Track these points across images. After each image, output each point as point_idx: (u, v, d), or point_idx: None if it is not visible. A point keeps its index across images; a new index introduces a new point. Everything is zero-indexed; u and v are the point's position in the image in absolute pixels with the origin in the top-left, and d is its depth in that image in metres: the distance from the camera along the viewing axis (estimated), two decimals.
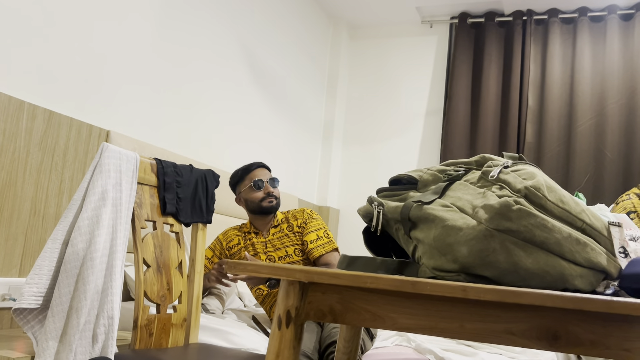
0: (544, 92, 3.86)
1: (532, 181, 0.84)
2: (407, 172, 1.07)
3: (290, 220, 2.17)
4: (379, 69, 4.39)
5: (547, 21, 3.92)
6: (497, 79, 3.99)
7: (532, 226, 0.81)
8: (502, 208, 0.81)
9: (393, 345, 1.90)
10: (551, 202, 0.84)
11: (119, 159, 1.55)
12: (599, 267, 0.87)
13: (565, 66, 3.85)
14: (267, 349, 0.90)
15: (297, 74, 3.82)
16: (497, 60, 4.02)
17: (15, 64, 1.84)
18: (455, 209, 0.89)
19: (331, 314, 0.89)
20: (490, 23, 4.05)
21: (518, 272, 0.82)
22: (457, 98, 4.02)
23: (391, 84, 4.34)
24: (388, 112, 4.31)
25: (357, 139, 4.37)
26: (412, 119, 4.26)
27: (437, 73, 4.25)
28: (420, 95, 4.26)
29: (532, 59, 3.91)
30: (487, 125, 3.93)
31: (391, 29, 4.39)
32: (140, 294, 1.56)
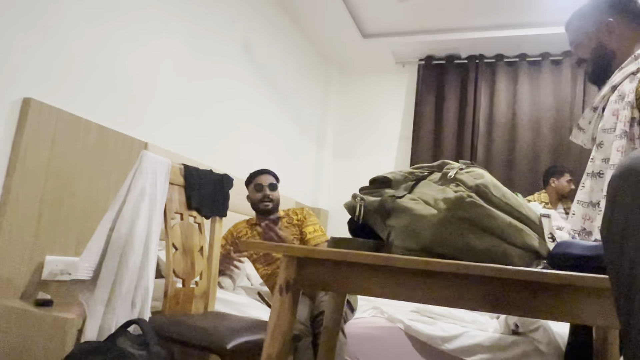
0: (492, 119, 3.90)
1: (481, 180, 0.86)
2: (383, 174, 1.08)
3: (290, 215, 2.18)
4: (362, 99, 4.42)
5: (495, 64, 3.98)
6: (455, 109, 4.03)
7: (481, 215, 0.83)
8: (458, 200, 0.83)
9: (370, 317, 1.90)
10: (496, 197, 0.86)
11: (155, 164, 1.56)
12: (533, 248, 0.88)
13: (508, 99, 3.89)
14: (271, 311, 0.91)
15: (299, 97, 3.84)
16: (455, 94, 4.06)
17: (74, 86, 1.85)
18: (421, 201, 0.91)
19: (322, 283, 0.90)
20: (450, 64, 4.10)
21: (470, 251, 0.84)
22: (423, 124, 4.05)
23: (372, 111, 4.37)
24: (369, 133, 4.34)
25: (345, 152, 4.39)
26: (388, 139, 4.28)
27: (408, 103, 4.29)
28: (394, 122, 4.29)
29: (483, 93, 3.96)
30: (447, 146, 3.96)
31: (371, 68, 4.43)
32: (170, 271, 1.56)
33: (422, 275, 0.84)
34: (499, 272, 0.76)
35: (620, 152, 1.26)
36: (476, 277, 0.82)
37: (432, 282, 0.84)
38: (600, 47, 1.40)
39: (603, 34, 1.40)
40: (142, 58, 2.18)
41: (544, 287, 0.79)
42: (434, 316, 1.89)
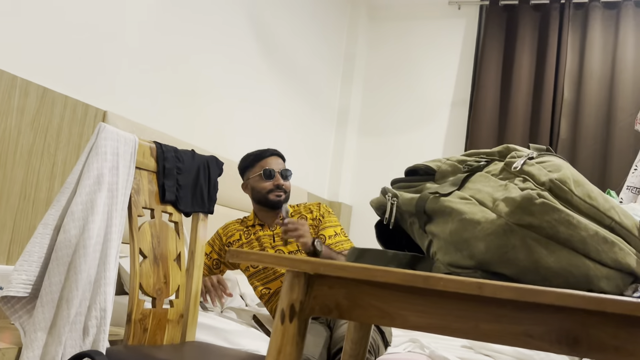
0: (582, 84, 3.84)
1: (557, 174, 0.86)
2: (425, 162, 1.09)
3: (303, 213, 2.20)
4: (400, 54, 4.39)
5: (588, 5, 3.90)
6: (530, 69, 3.98)
7: (555, 222, 0.83)
8: (524, 201, 0.83)
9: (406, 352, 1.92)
10: (578, 197, 0.86)
11: (117, 141, 1.58)
12: (628, 268, 0.88)
13: (605, 56, 3.83)
14: (269, 344, 0.93)
15: (311, 56, 3.84)
16: (531, 48, 4.00)
17: (7, 35, 1.88)
18: (474, 201, 0.91)
19: (337, 309, 0.92)
20: (524, 6, 4.04)
21: (539, 270, 0.84)
22: (486, 88, 4.02)
23: (413, 71, 4.34)
24: (409, 101, 4.32)
25: (374, 129, 4.38)
26: (435, 109, 4.26)
27: (464, 60, 4.25)
28: (445, 84, 4.26)
29: (570, 47, 3.90)
30: (517, 119, 3.93)
31: (415, 10, 4.39)
32: (135, 286, 1.60)
33: (473, 303, 0.85)
34: (581, 300, 0.76)
35: None
36: (549, 307, 0.82)
37: (487, 312, 0.84)
38: None
39: None
40: (104, 2, 2.21)
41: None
42: (492, 354, 1.91)
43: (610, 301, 0.75)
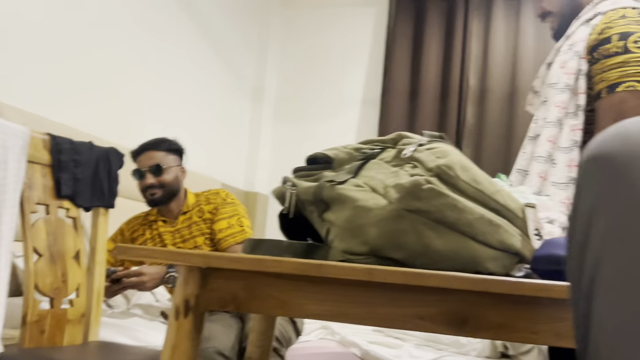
0: (486, 71, 4.00)
1: (445, 160, 0.88)
2: (324, 151, 1.09)
3: (202, 205, 2.13)
4: (314, 41, 4.40)
5: None
6: (438, 57, 4.10)
7: (442, 206, 0.86)
8: (412, 187, 0.85)
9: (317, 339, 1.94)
10: (464, 182, 0.89)
11: (5, 134, 1.49)
12: (513, 249, 0.92)
13: (508, 44, 4.00)
14: (164, 341, 0.91)
15: (224, 42, 3.78)
16: (439, 36, 4.12)
17: None
18: (367, 188, 0.92)
19: (234, 302, 0.91)
20: None
21: (429, 254, 0.87)
22: (396, 76, 4.10)
23: (327, 57, 4.37)
24: (323, 88, 4.34)
25: (291, 116, 4.37)
26: (350, 95, 4.31)
27: (375, 49, 4.31)
28: (358, 70, 4.32)
29: (475, 35, 4.04)
30: (427, 106, 4.04)
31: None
32: (30, 287, 1.52)
33: (368, 288, 0.86)
34: (465, 282, 0.79)
35: (559, 107, 1.40)
36: (438, 290, 0.85)
37: (381, 297, 0.86)
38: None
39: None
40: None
41: (524, 300, 0.83)
42: (402, 336, 1.96)
43: (493, 282, 0.78)
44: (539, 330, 0.82)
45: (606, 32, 1.45)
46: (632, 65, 1.40)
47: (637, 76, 1.39)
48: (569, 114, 1.48)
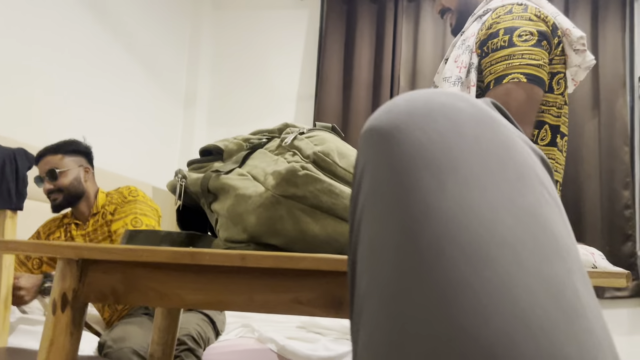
0: (416, 71, 4.08)
1: (322, 147, 0.90)
2: (215, 142, 1.09)
3: (106, 206, 2.07)
4: (247, 43, 4.39)
5: None
6: (370, 59, 4.16)
7: (318, 192, 0.87)
8: (288, 174, 0.86)
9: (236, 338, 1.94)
10: (342, 168, 0.90)
11: None
12: None
13: (436, 47, 4.10)
14: (42, 336, 0.89)
15: (154, 44, 3.72)
16: (370, 39, 4.18)
17: None
18: (249, 177, 0.93)
19: (113, 294, 0.90)
20: None
21: (306, 239, 0.88)
22: (329, 79, 4.13)
23: (260, 60, 4.36)
24: (257, 91, 4.34)
25: (225, 119, 4.35)
26: (283, 99, 4.32)
27: (308, 51, 4.34)
28: (291, 74, 4.33)
29: (404, 38, 4.12)
30: (360, 107, 4.09)
31: (259, 0, 4.41)
32: None
33: (246, 275, 0.87)
34: (336, 263, 0.81)
35: None
36: (316, 274, 0.86)
37: (260, 283, 0.87)
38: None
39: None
40: None
41: None
42: (322, 331, 1.97)
43: None
44: None
45: (494, 26, 1.51)
46: (516, 58, 1.46)
47: (521, 68, 1.45)
48: None
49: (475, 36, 1.55)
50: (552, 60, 1.54)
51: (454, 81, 1.54)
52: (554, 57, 1.54)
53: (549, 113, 1.56)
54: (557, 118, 1.57)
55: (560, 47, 1.55)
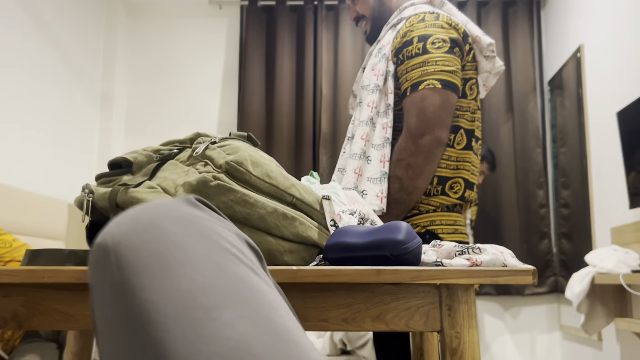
0: (337, 79, 4.13)
1: (234, 156, 0.88)
2: (124, 154, 1.05)
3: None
4: (165, 54, 4.30)
5: (338, 7, 4.21)
6: (291, 67, 4.17)
7: (232, 202, 0.85)
8: (200, 185, 0.84)
9: None
10: (256, 177, 0.89)
11: None
12: (310, 241, 0.94)
13: (356, 54, 4.16)
14: None
15: (66, 56, 3.57)
16: (291, 47, 4.20)
17: None
18: (159, 190, 0.90)
19: (15, 319, 0.84)
20: (281, 7, 4.22)
21: None
22: (251, 88, 4.11)
23: (180, 71, 4.29)
24: (177, 101, 4.25)
25: (145, 130, 4.23)
26: (204, 110, 4.25)
27: (229, 60, 4.30)
28: (212, 84, 4.28)
29: (325, 46, 4.16)
30: (283, 117, 4.09)
31: (176, 9, 4.33)
32: None
33: None
34: None
35: (370, 107, 1.52)
36: None
37: None
38: (379, 2, 1.68)
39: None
40: None
41: (312, 289, 0.84)
42: None
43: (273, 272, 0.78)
44: (328, 317, 0.84)
45: (408, 35, 1.55)
46: (431, 64, 1.50)
47: (435, 75, 1.49)
48: (380, 113, 1.56)
49: (390, 44, 1.59)
50: (465, 66, 1.59)
51: (372, 89, 1.57)
52: (466, 63, 1.59)
53: (464, 118, 1.60)
54: (472, 122, 1.63)
55: (471, 53, 1.60)
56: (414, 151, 1.51)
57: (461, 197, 1.59)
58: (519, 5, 4.16)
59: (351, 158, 1.54)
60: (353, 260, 0.88)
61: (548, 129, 4.11)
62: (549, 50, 4.11)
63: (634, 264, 2.63)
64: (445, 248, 0.91)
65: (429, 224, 1.56)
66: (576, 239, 3.56)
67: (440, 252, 0.91)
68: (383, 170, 1.50)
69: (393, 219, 1.56)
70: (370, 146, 1.53)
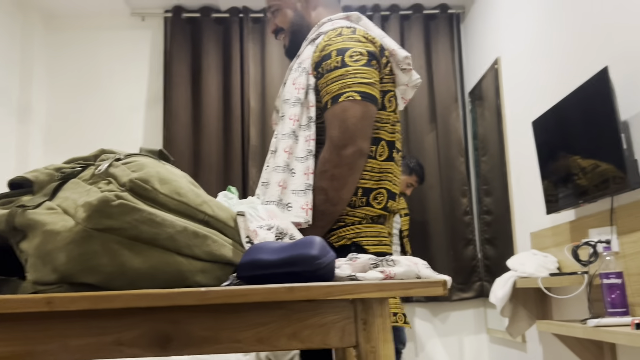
0: (265, 92, 4.11)
1: (139, 173, 0.84)
2: (24, 174, 0.99)
3: None
4: (87, 66, 4.16)
5: (264, 19, 4.19)
6: (218, 80, 4.12)
7: (137, 222, 0.81)
8: (101, 204, 0.80)
9: None
10: (164, 195, 0.85)
11: None
12: (224, 259, 0.91)
13: (283, 66, 4.15)
14: None
15: None
16: (217, 60, 4.14)
17: None
18: (60, 210, 0.85)
19: None
20: (206, 19, 4.16)
21: (126, 274, 0.81)
22: (177, 101, 4.03)
23: (102, 83, 4.15)
24: (100, 115, 4.11)
25: (66, 145, 4.06)
26: (129, 124, 4.13)
27: (153, 72, 4.20)
28: (136, 96, 4.16)
29: (252, 58, 4.14)
30: (211, 131, 4.02)
31: (96, 21, 4.20)
32: None
33: (57, 320, 0.78)
34: (156, 299, 0.75)
35: (292, 120, 1.53)
36: (139, 311, 0.80)
37: (75, 327, 0.79)
38: (299, 16, 1.68)
39: (302, 3, 1.72)
40: None
41: (224, 309, 0.81)
42: None
43: (179, 294, 0.75)
44: (242, 339, 0.81)
45: (327, 49, 1.56)
46: (349, 77, 1.51)
47: (355, 87, 1.50)
48: (302, 126, 1.55)
49: (310, 58, 1.60)
50: (383, 79, 1.60)
51: (293, 102, 1.56)
52: (384, 76, 1.61)
53: (384, 130, 1.62)
54: (392, 134, 1.64)
55: (388, 66, 1.62)
56: (338, 162, 1.50)
57: (384, 208, 1.60)
58: (439, 19, 4.28)
59: (275, 171, 1.53)
60: (267, 278, 0.86)
61: (470, 139, 4.24)
62: (469, 63, 4.25)
63: (552, 268, 2.73)
64: (360, 261, 0.90)
65: (355, 236, 1.56)
66: (499, 244, 3.67)
67: (355, 265, 0.90)
68: (307, 182, 1.49)
69: (319, 230, 1.55)
70: (294, 159, 1.52)
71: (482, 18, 3.94)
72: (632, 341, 1.74)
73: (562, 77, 2.75)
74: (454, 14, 4.33)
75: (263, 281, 0.86)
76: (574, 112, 2.38)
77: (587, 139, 2.30)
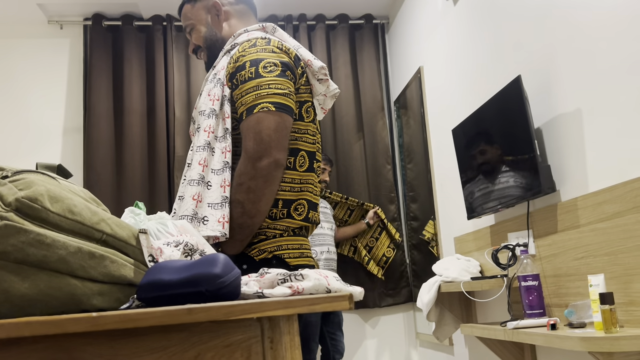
0: (190, 101, 4.02)
1: (27, 191, 0.78)
2: None
3: None
4: (3, 75, 3.94)
5: None
6: (142, 89, 4.00)
7: (23, 244, 0.75)
8: None
9: None
10: (55, 214, 0.80)
11: None
12: (124, 280, 0.86)
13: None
14: None
15: None
16: (140, 69, 4.03)
17: None
18: None
19: None
20: (128, 27, 4.04)
21: (12, 300, 0.75)
22: (98, 111, 3.88)
23: (18, 94, 3.94)
24: (16, 127, 3.90)
25: None
26: (47, 135, 3.94)
27: (73, 82, 4.04)
28: (55, 107, 3.99)
29: (176, 66, 4.04)
30: (134, 140, 3.90)
31: (11, 28, 4.00)
32: None
33: None
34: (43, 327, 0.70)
35: (207, 132, 1.51)
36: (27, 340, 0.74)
37: None
38: (211, 31, 1.73)
39: (213, 17, 1.73)
40: None
41: (121, 334, 0.77)
42: None
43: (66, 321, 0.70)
44: None
45: (241, 59, 1.54)
46: (264, 88, 1.49)
47: (269, 97, 1.48)
48: (218, 138, 1.51)
49: (225, 69, 1.57)
50: (299, 89, 1.59)
51: (208, 114, 1.53)
52: (300, 86, 1.59)
53: (303, 140, 1.60)
54: (312, 145, 1.63)
55: (304, 77, 1.61)
56: (254, 175, 1.48)
57: (305, 219, 1.58)
58: (365, 29, 4.33)
59: (189, 185, 1.48)
60: (168, 299, 0.81)
61: (397, 147, 4.30)
62: (394, 72, 4.32)
63: (474, 272, 2.79)
64: (268, 277, 0.87)
65: (276, 249, 1.53)
66: (425, 249, 3.74)
67: (262, 281, 0.87)
68: (224, 195, 1.46)
69: (238, 244, 1.52)
70: (210, 171, 1.48)
71: (405, 28, 4.01)
72: (548, 342, 1.79)
73: (480, 86, 2.83)
74: (378, 24, 4.40)
75: (164, 302, 0.82)
76: (491, 120, 2.45)
77: (503, 145, 2.36)
